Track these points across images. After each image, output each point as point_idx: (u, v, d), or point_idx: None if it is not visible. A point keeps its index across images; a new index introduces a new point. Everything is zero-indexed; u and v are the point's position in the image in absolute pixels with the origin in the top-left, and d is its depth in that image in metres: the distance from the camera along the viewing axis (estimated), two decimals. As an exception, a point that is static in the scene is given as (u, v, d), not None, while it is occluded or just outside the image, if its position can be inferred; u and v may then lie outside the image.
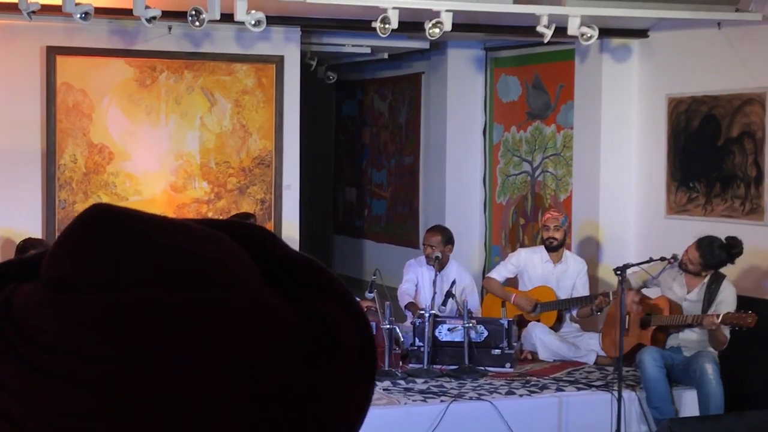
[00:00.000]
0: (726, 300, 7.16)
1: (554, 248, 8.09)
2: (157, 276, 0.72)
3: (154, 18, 7.51)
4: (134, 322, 0.70)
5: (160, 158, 9.05)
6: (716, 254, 7.27)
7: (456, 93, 10.81)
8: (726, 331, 7.14)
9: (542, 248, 8.38)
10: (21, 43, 8.62)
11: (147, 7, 7.42)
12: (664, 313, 7.34)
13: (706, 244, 7.28)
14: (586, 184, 9.54)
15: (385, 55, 11.19)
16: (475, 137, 10.83)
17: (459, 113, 10.82)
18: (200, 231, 0.76)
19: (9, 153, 8.55)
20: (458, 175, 10.87)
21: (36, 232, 8.43)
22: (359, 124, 12.97)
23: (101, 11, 7.87)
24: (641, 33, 9.15)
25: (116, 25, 8.50)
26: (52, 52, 8.47)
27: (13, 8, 7.46)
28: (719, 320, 6.92)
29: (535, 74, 10.12)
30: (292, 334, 0.74)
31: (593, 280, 8.59)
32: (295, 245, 8.77)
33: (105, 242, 0.73)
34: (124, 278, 0.72)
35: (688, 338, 7.38)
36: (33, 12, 7.37)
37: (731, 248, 7.31)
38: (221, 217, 8.61)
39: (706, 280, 7.29)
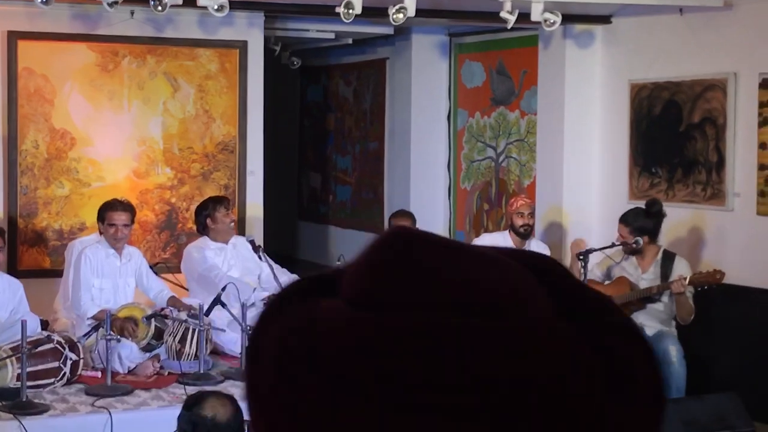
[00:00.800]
0: (682, 271, 7.28)
1: (527, 235, 8.12)
2: (455, 300, 0.74)
3: (116, 2, 7.35)
4: (445, 345, 0.72)
5: (123, 144, 8.95)
6: (638, 218, 7.43)
7: (420, 79, 10.76)
8: (691, 301, 7.24)
9: (506, 233, 8.30)
10: None
11: None
12: (623, 292, 7.39)
13: (626, 214, 7.51)
14: (549, 169, 9.53)
15: (350, 41, 11.08)
16: (439, 123, 10.81)
17: (423, 99, 10.78)
18: (494, 259, 0.77)
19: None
20: (423, 160, 10.85)
21: None
22: (324, 109, 12.83)
23: None
24: (604, 19, 9.10)
25: (78, 9, 8.34)
26: (14, 37, 8.35)
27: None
28: (687, 281, 7.03)
29: (499, 60, 10.08)
30: (586, 368, 0.73)
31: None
32: (259, 231, 8.99)
33: (405, 264, 0.76)
34: (420, 300, 0.74)
35: (651, 317, 7.42)
36: None
37: (650, 208, 7.47)
38: (185, 204, 9.14)
39: (659, 257, 7.41)
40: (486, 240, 8.36)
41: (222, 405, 4.29)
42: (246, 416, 3.93)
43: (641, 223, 7.36)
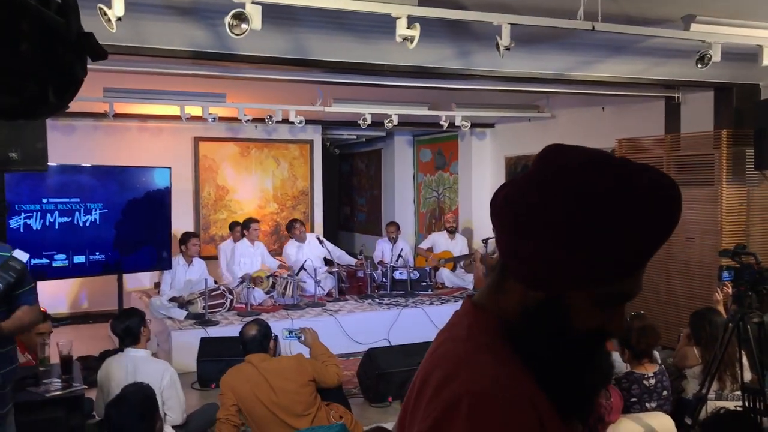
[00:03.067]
0: None
1: (452, 232, 9.30)
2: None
3: (248, 120, 8.40)
4: None
5: (252, 192, 10.19)
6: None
7: (399, 158, 12.04)
8: None
9: (443, 232, 9.54)
10: (181, 137, 9.62)
11: (246, 115, 8.25)
12: None
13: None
14: (465, 201, 10.67)
15: (364, 139, 12.38)
16: (409, 180, 12.07)
17: (400, 168, 12.05)
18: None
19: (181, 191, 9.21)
20: (401, 199, 11.96)
21: (189, 227, 9.38)
22: (350, 175, 14.03)
23: (225, 119, 8.81)
24: (491, 125, 10.37)
25: (229, 123, 9.34)
26: (197, 140, 9.77)
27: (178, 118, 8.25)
28: None
29: (438, 147, 11.38)
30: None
31: (469, 247, 9.62)
32: (320, 234, 9.57)
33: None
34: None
35: None
36: (189, 118, 8.02)
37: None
38: (284, 222, 9.48)
39: None
40: (433, 236, 9.57)
41: (250, 327, 4.22)
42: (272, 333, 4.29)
43: None
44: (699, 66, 5.00)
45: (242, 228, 8.56)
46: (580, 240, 0.97)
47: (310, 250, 8.59)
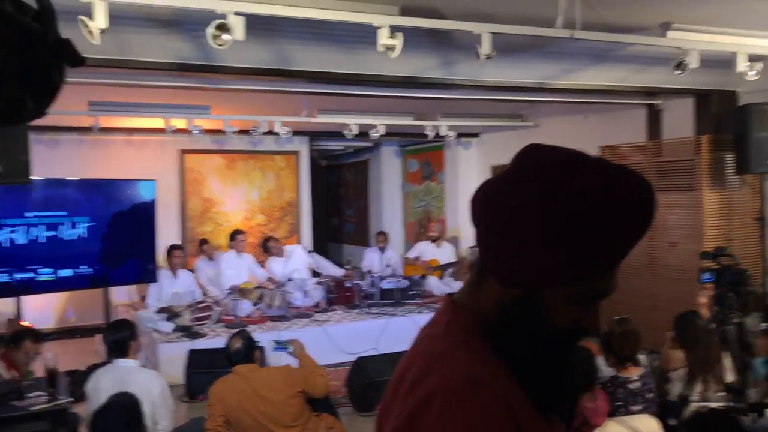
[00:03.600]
0: None
1: (434, 240, 9.39)
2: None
3: (235, 131, 8.47)
4: None
5: (239, 204, 10.21)
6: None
7: (386, 168, 12.10)
8: None
9: (428, 241, 9.63)
10: (167, 149, 9.61)
11: (231, 127, 8.32)
12: None
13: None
14: (452, 210, 10.80)
15: (351, 150, 12.48)
16: (396, 190, 12.12)
17: (388, 178, 12.10)
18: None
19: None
20: (389, 209, 12.09)
21: (176, 240, 9.18)
22: (338, 186, 14.00)
23: (210, 131, 8.82)
24: (476, 134, 10.48)
25: (214, 136, 9.43)
26: (182, 152, 9.76)
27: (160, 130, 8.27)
28: None
29: (425, 157, 11.50)
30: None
31: (457, 254, 9.57)
32: (309, 246, 9.80)
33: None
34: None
35: None
36: (174, 130, 7.98)
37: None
38: (271, 233, 9.65)
39: None
40: (420, 245, 9.64)
41: (235, 340, 4.24)
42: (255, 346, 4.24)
43: None
44: (677, 72, 5.08)
45: (231, 239, 8.56)
46: (557, 239, 0.99)
47: (295, 262, 8.60)
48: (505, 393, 1.02)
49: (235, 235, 8.60)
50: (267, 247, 8.73)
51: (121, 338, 4.41)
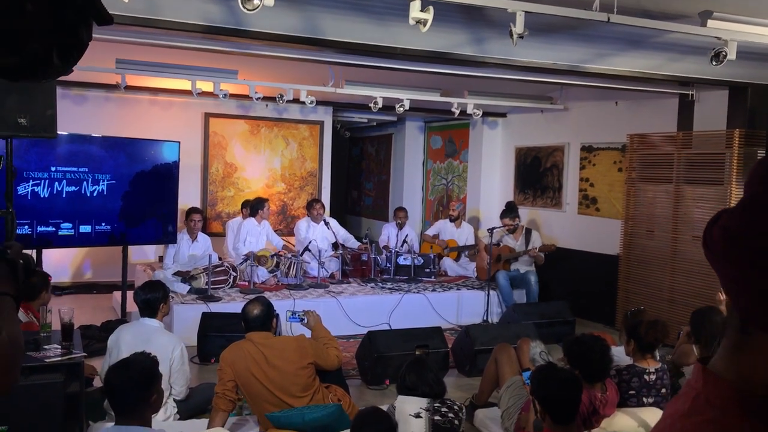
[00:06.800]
0: (536, 240, 8.25)
1: (453, 220, 9.31)
2: None
3: (260, 98, 8.38)
4: None
5: (260, 171, 10.23)
6: (505, 210, 8.21)
7: (409, 143, 12.12)
8: (542, 256, 8.11)
9: (446, 220, 9.42)
10: (191, 112, 9.64)
11: (257, 93, 8.17)
12: (507, 253, 8.31)
13: (502, 211, 8.30)
14: (473, 189, 10.68)
15: (375, 123, 12.39)
16: (418, 166, 12.12)
17: (410, 154, 12.12)
18: None
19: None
20: (409, 185, 12.03)
21: (196, 203, 9.53)
22: (359, 159, 14.02)
23: (236, 96, 8.93)
24: (503, 114, 10.34)
25: (239, 101, 9.56)
26: (207, 116, 9.83)
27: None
28: (538, 249, 8.07)
29: (449, 135, 11.43)
30: None
31: (475, 236, 9.51)
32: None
33: None
34: None
35: (521, 263, 8.29)
36: (200, 93, 7.92)
37: (508, 205, 8.46)
38: (291, 202, 9.80)
39: (523, 233, 8.35)
40: (440, 223, 9.48)
41: (254, 305, 4.21)
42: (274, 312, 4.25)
43: (505, 212, 8.23)
44: (714, 63, 4.98)
45: (252, 208, 8.52)
46: None
47: (321, 232, 8.67)
48: None
49: (262, 203, 8.55)
50: (311, 206, 8.66)
51: (152, 299, 4.60)
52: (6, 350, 1.13)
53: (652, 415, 3.87)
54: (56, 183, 6.94)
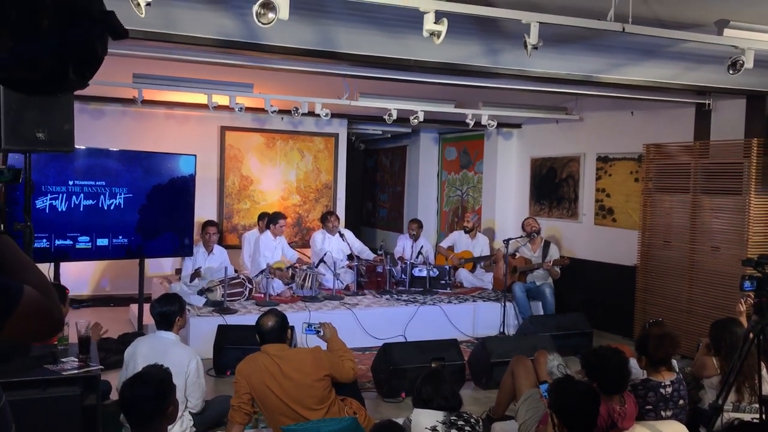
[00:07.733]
0: (554, 254, 8.26)
1: (468, 231, 9.33)
2: None
3: (275, 111, 8.39)
4: None
5: (276, 183, 10.29)
6: (524, 227, 8.38)
7: (424, 155, 12.23)
8: (557, 269, 8.16)
9: (461, 231, 9.49)
10: (207, 125, 9.69)
11: (272, 106, 8.16)
12: (523, 264, 8.32)
13: (521, 224, 8.49)
14: (488, 201, 10.69)
15: (389, 135, 12.49)
16: (433, 177, 12.14)
17: (425, 165, 12.16)
18: None
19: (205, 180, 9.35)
20: (424, 196, 12.05)
21: (213, 216, 9.61)
22: (374, 171, 14.12)
23: (251, 110, 8.89)
24: (518, 125, 10.33)
25: (255, 114, 9.59)
26: (223, 129, 9.88)
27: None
28: (552, 263, 8.07)
29: (464, 146, 11.43)
30: None
31: (491, 247, 9.55)
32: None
33: None
34: None
35: (537, 276, 8.33)
36: (216, 107, 8.07)
37: (523, 221, 8.57)
38: (306, 214, 9.88)
39: (541, 245, 8.36)
40: (455, 235, 9.50)
41: (268, 317, 4.21)
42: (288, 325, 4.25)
43: (524, 228, 8.35)
44: (731, 72, 4.95)
45: (268, 221, 8.52)
46: None
47: (336, 243, 8.67)
48: None
49: (277, 218, 8.49)
50: (326, 219, 8.69)
51: (169, 312, 4.63)
52: (36, 302, 1.16)
53: (671, 428, 3.82)
54: (74, 197, 6.99)
